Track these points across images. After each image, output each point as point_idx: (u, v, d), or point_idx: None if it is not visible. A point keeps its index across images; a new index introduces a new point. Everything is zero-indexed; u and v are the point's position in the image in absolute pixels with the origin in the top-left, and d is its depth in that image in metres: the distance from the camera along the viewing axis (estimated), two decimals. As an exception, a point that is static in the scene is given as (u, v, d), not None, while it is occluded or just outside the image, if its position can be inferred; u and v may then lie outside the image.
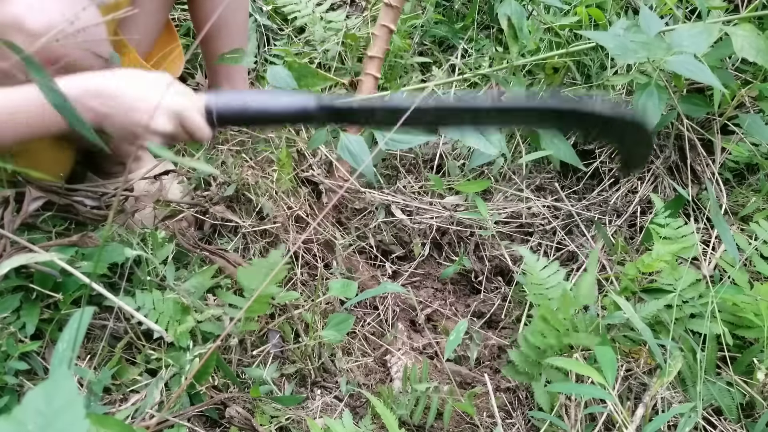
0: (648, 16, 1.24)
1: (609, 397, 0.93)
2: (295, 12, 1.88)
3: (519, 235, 1.48)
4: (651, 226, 1.25)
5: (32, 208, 1.01)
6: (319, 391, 1.12)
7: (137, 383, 0.99)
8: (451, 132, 1.12)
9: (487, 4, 1.99)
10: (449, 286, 1.43)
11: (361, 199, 1.46)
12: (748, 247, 1.22)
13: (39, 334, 0.98)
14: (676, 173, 1.55)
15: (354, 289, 1.08)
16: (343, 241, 1.36)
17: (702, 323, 1.09)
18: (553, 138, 1.46)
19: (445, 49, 1.97)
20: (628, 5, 1.86)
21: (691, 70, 1.14)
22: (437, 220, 1.44)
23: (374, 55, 1.46)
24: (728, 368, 1.10)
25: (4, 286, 0.95)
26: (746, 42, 1.17)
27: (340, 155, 1.13)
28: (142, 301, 1.00)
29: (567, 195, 1.56)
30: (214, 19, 1.27)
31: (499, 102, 0.90)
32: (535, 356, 1.08)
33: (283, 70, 1.18)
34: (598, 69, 1.69)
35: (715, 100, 1.38)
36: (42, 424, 0.34)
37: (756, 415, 1.06)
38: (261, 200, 1.27)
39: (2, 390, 0.91)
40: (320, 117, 0.92)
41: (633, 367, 1.11)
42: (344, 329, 1.11)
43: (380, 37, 1.46)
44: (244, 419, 0.97)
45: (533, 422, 1.11)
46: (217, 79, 1.46)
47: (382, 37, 1.46)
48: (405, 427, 1.07)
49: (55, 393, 0.36)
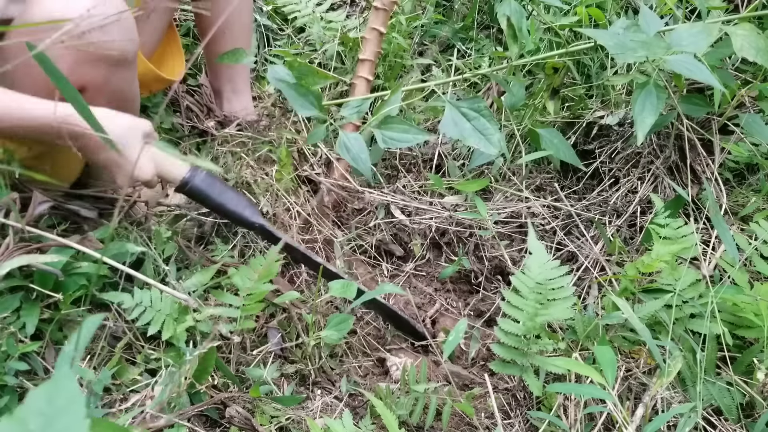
0: (648, 15, 1.24)
1: (609, 397, 0.93)
2: (295, 12, 1.88)
3: (518, 236, 1.48)
4: (651, 226, 1.25)
5: (38, 212, 1.01)
6: (319, 391, 1.12)
7: (137, 383, 0.99)
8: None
9: (487, 4, 1.99)
10: (449, 285, 1.43)
11: (360, 198, 1.46)
12: (748, 247, 1.22)
13: (39, 334, 0.98)
14: (676, 173, 1.55)
15: (354, 290, 1.08)
16: (342, 239, 1.36)
17: (702, 323, 1.09)
18: (553, 138, 1.46)
19: (444, 49, 1.97)
20: (628, 5, 1.86)
21: (690, 69, 1.14)
22: (436, 221, 1.44)
23: (366, 58, 1.46)
24: (728, 368, 1.10)
25: (4, 285, 0.95)
26: (746, 41, 1.17)
27: (339, 153, 1.13)
28: (140, 299, 1.00)
29: (567, 195, 1.56)
30: (220, 21, 1.28)
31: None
32: (515, 344, 1.08)
33: (283, 69, 1.19)
34: (598, 69, 1.69)
35: (715, 100, 1.38)
36: (43, 424, 0.35)
37: (756, 415, 1.06)
38: (261, 200, 1.27)
39: (2, 390, 0.91)
40: (259, 233, 1.16)
41: (633, 367, 1.11)
42: (344, 329, 1.11)
43: (371, 40, 1.46)
44: (244, 419, 0.97)
45: (532, 422, 1.11)
46: (219, 81, 1.46)
47: (372, 40, 1.46)
48: (404, 427, 1.07)
49: (56, 393, 0.36)
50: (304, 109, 1.14)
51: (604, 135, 1.63)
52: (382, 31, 1.46)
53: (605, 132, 1.63)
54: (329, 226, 1.38)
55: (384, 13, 1.45)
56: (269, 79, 1.17)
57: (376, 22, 1.45)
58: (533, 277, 1.10)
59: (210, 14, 1.30)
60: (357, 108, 1.27)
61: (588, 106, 1.68)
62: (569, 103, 1.71)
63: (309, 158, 1.46)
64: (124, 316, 1.03)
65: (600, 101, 1.72)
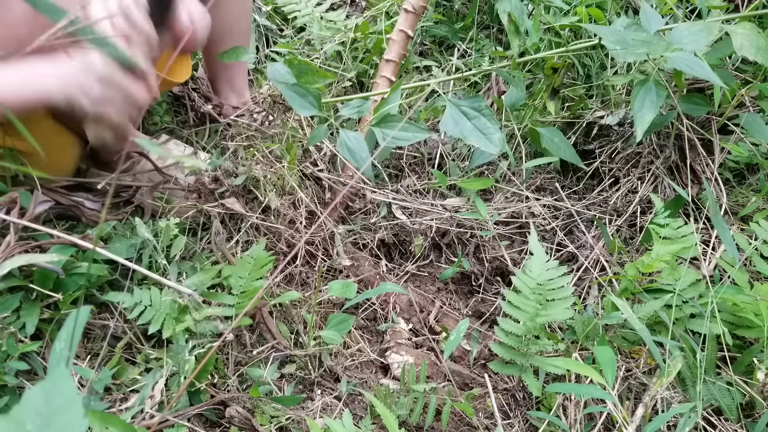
0: (649, 13, 1.24)
1: (609, 397, 0.93)
2: (295, 12, 1.88)
3: (519, 237, 1.48)
4: (651, 226, 1.25)
5: (38, 211, 1.01)
6: (319, 391, 1.12)
7: (137, 383, 0.99)
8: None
9: (487, 4, 1.99)
10: (450, 286, 1.43)
11: (362, 198, 1.46)
12: (748, 247, 1.22)
13: (39, 334, 0.98)
14: (676, 173, 1.55)
15: (354, 290, 1.07)
16: (342, 230, 1.36)
17: (702, 323, 1.09)
18: (553, 137, 1.46)
19: (444, 49, 1.97)
20: (628, 5, 1.86)
21: (690, 66, 1.14)
22: (437, 222, 1.44)
23: (390, 58, 1.48)
24: (728, 368, 1.09)
25: (4, 285, 0.95)
26: (746, 41, 1.17)
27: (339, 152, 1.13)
28: (140, 298, 1.00)
29: (567, 195, 1.56)
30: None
31: None
32: (515, 344, 1.08)
33: (283, 67, 1.18)
34: (598, 69, 1.69)
35: (715, 100, 1.38)
36: (41, 423, 0.34)
37: (756, 415, 1.05)
38: (268, 195, 1.27)
39: (2, 390, 0.91)
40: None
41: (633, 367, 1.11)
42: (344, 329, 1.11)
43: (397, 41, 1.48)
44: (244, 419, 0.97)
45: (532, 422, 1.11)
46: (219, 83, 1.47)
47: (399, 42, 1.48)
48: (404, 427, 1.07)
49: (53, 393, 0.35)
50: (304, 108, 1.14)
51: (604, 135, 1.63)
52: (410, 34, 1.49)
53: (605, 132, 1.63)
54: (333, 223, 1.38)
55: (413, 16, 1.47)
56: (268, 78, 1.17)
57: (405, 24, 1.47)
58: (535, 277, 1.10)
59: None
60: (358, 107, 1.26)
61: (588, 106, 1.68)
62: (569, 103, 1.71)
63: (313, 154, 1.46)
64: (125, 315, 1.03)
65: (600, 101, 1.71)
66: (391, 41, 1.50)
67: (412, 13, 1.47)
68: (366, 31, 1.76)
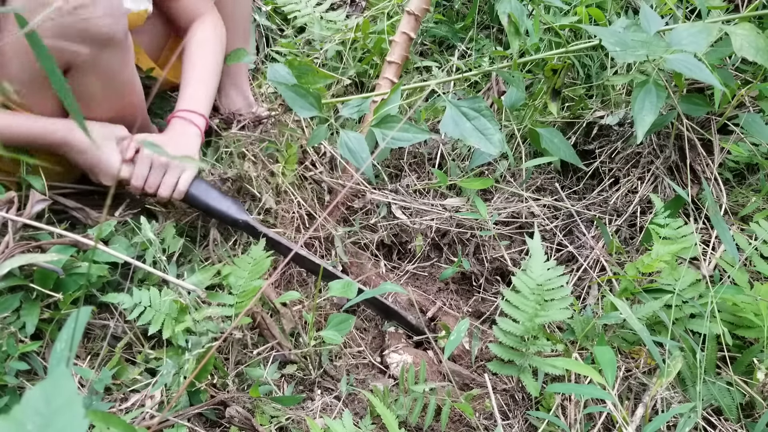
0: (648, 14, 1.24)
1: (609, 397, 0.93)
2: (295, 12, 1.88)
3: (519, 237, 1.48)
4: (651, 226, 1.25)
5: (36, 210, 1.01)
6: (319, 391, 1.12)
7: (137, 383, 0.99)
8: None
9: (487, 4, 1.99)
10: (450, 286, 1.43)
11: (361, 197, 1.46)
12: (748, 247, 1.22)
13: (39, 334, 0.98)
14: (675, 173, 1.55)
15: (355, 289, 1.07)
16: (341, 232, 1.36)
17: (702, 323, 1.09)
18: (553, 137, 1.46)
19: (445, 49, 1.97)
20: (628, 5, 1.86)
21: (689, 68, 1.14)
22: (437, 222, 1.44)
23: (393, 60, 1.48)
24: (728, 368, 1.10)
25: (4, 285, 0.95)
26: (746, 41, 1.17)
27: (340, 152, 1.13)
28: (140, 299, 1.00)
29: (567, 195, 1.56)
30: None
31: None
32: (514, 344, 1.08)
33: (284, 68, 1.19)
34: (598, 69, 1.69)
35: (715, 100, 1.38)
36: (41, 423, 0.34)
37: (756, 415, 1.05)
38: (265, 196, 1.27)
39: (2, 390, 0.91)
40: (244, 229, 1.20)
41: (632, 367, 1.11)
42: (344, 330, 1.10)
43: (399, 43, 1.48)
44: (244, 419, 0.97)
45: (531, 422, 1.11)
46: (224, 87, 1.47)
47: (401, 43, 1.48)
48: (404, 427, 1.07)
49: (54, 393, 0.35)
50: (304, 109, 1.14)
51: (604, 135, 1.63)
52: (412, 36, 1.49)
53: (605, 132, 1.63)
54: (333, 223, 1.38)
55: (415, 18, 1.48)
56: (269, 79, 1.17)
57: (407, 26, 1.48)
58: (535, 277, 1.09)
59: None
60: (358, 107, 1.27)
61: (588, 106, 1.68)
62: (569, 103, 1.71)
63: (312, 155, 1.46)
64: (125, 315, 1.03)
65: (600, 101, 1.71)
66: (394, 43, 1.50)
67: (414, 15, 1.47)
68: (366, 31, 1.76)
